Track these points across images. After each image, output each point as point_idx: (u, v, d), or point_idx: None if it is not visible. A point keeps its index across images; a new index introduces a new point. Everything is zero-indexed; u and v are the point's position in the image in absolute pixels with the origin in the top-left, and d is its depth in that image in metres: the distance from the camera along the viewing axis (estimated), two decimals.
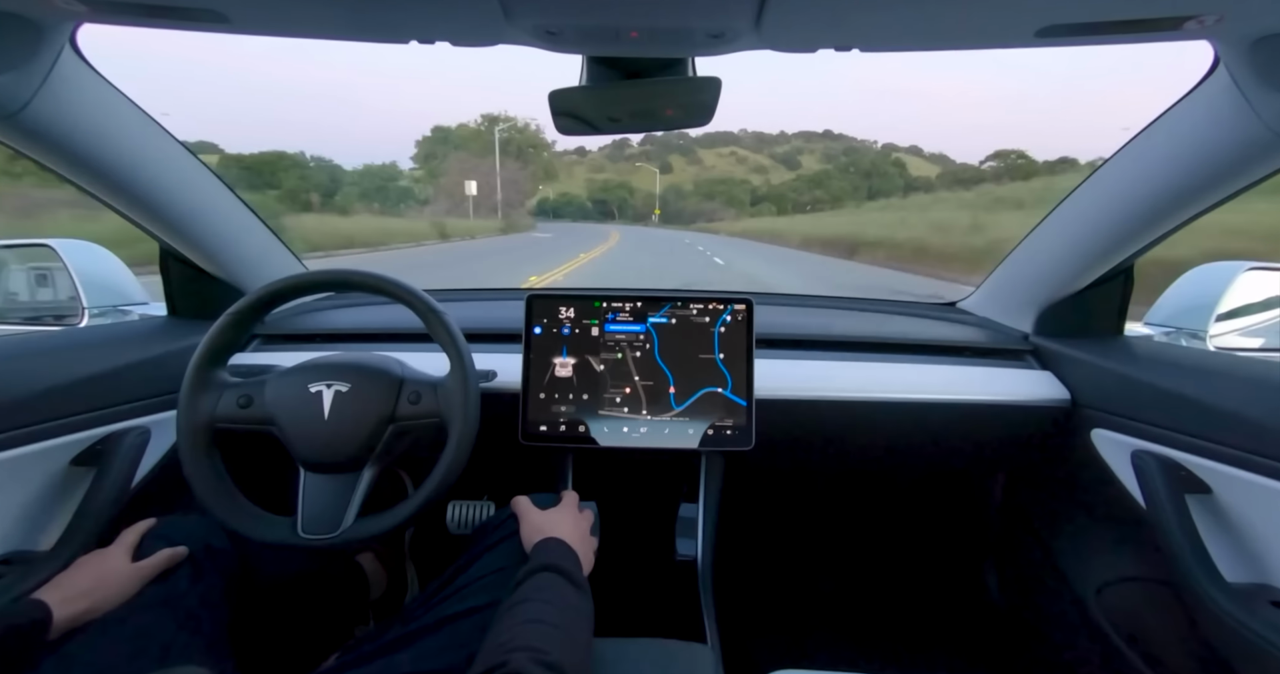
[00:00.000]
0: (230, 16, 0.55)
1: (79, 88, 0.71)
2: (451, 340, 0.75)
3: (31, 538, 0.74)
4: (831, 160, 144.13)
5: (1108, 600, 0.90)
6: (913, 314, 1.26)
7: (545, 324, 0.93)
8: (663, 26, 0.56)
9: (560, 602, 0.58)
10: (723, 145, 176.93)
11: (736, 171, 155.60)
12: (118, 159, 0.80)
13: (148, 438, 0.85)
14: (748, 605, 1.24)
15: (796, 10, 0.51)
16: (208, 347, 0.74)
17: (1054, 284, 1.01)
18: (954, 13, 0.52)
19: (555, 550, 0.65)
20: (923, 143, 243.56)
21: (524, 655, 0.48)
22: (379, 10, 0.54)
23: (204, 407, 0.73)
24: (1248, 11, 0.51)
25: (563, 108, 0.69)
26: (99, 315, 1.17)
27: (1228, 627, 0.67)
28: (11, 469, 0.71)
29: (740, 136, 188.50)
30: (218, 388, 0.74)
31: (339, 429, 0.72)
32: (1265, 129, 0.63)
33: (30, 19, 0.59)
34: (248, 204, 1.05)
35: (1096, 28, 0.53)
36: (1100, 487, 0.90)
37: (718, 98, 0.68)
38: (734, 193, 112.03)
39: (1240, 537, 0.72)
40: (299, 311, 1.17)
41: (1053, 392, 0.97)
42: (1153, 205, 0.81)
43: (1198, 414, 0.75)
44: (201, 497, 0.71)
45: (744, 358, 0.92)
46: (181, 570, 0.69)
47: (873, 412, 0.99)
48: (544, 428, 0.92)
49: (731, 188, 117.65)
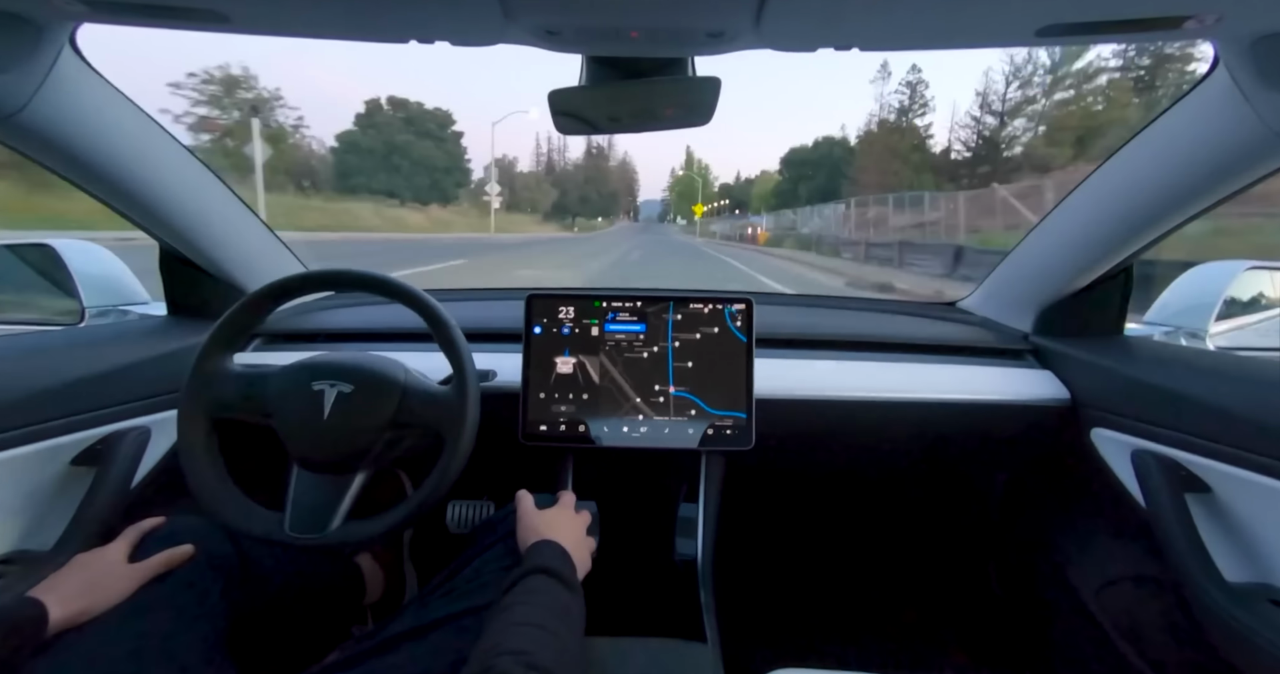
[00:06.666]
0: (230, 16, 0.55)
1: (79, 88, 0.71)
2: (452, 341, 0.75)
3: (31, 538, 0.74)
4: None
5: (1108, 599, 0.90)
6: (912, 314, 1.26)
7: (545, 324, 0.93)
8: (663, 26, 0.56)
9: (551, 605, 0.58)
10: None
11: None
12: (118, 159, 0.80)
13: (148, 438, 0.85)
14: (748, 605, 1.24)
15: (796, 10, 0.51)
16: (211, 343, 0.74)
17: (1054, 283, 1.01)
18: (954, 12, 0.52)
19: (548, 553, 0.65)
20: None
21: (511, 659, 0.48)
22: (379, 10, 0.54)
23: (208, 392, 0.73)
24: (1248, 11, 0.51)
25: (563, 107, 0.69)
26: (99, 315, 1.17)
27: (1227, 626, 0.67)
28: (11, 469, 0.71)
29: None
30: (223, 375, 0.75)
31: (336, 430, 0.72)
32: (1265, 129, 0.63)
33: (30, 19, 0.59)
34: (247, 204, 1.04)
35: (1096, 27, 0.53)
36: (1100, 486, 0.90)
37: (717, 98, 0.68)
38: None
39: (1240, 536, 0.72)
40: (299, 311, 1.17)
41: (1052, 391, 0.97)
42: (1152, 205, 0.81)
43: (1198, 413, 0.75)
44: (193, 483, 0.71)
45: (744, 358, 0.92)
46: (180, 571, 0.69)
47: (872, 411, 0.99)
48: (544, 428, 0.92)
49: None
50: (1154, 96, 21.72)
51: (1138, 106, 22.04)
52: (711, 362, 0.93)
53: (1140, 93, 22.92)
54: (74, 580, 0.63)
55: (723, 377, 0.92)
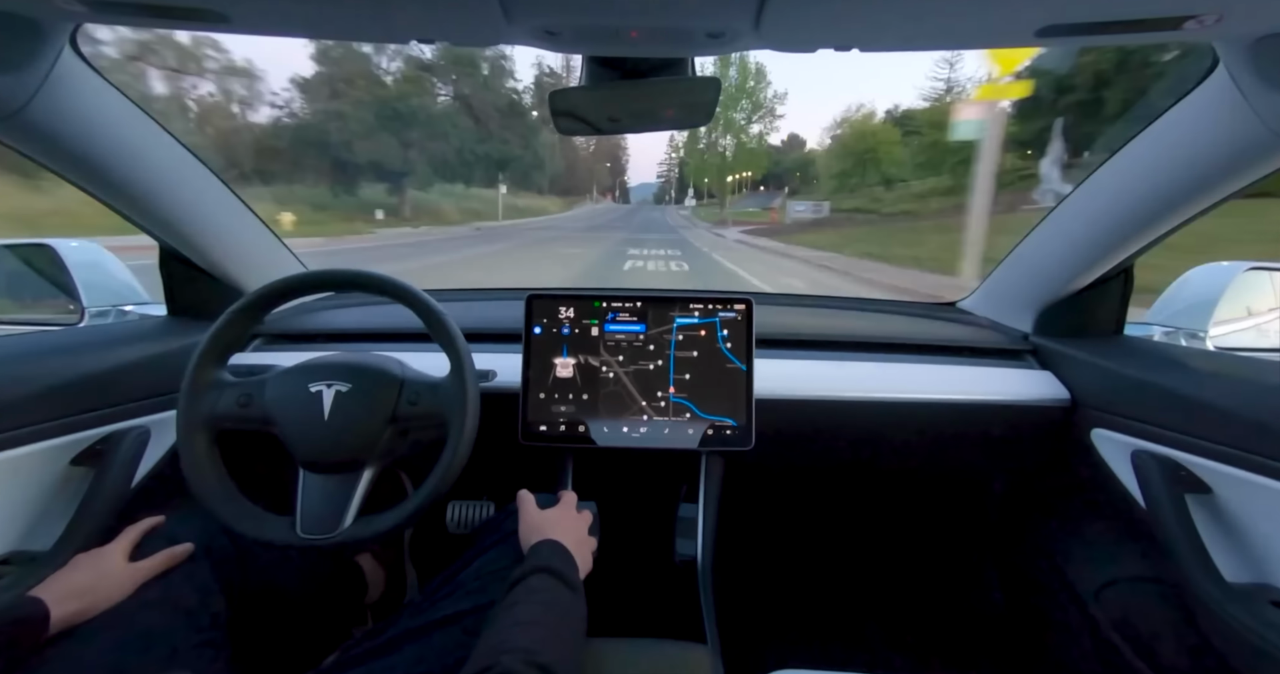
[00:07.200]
0: (230, 16, 0.55)
1: (79, 88, 0.71)
2: (451, 341, 0.75)
3: (31, 538, 0.74)
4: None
5: (1108, 600, 0.90)
6: (912, 314, 1.26)
7: (545, 324, 0.93)
8: (662, 27, 0.56)
9: (553, 604, 0.58)
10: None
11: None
12: (118, 159, 0.80)
13: (148, 438, 0.85)
14: (748, 605, 1.24)
15: (796, 10, 0.51)
16: (208, 345, 0.74)
17: (1054, 284, 1.01)
18: (954, 12, 0.52)
19: (550, 552, 0.65)
20: None
21: (514, 657, 0.48)
22: (379, 10, 0.54)
23: (204, 405, 0.73)
24: (1247, 11, 0.51)
25: (563, 108, 0.70)
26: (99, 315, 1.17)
27: (1228, 626, 0.67)
28: (11, 469, 0.71)
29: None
30: (218, 387, 0.74)
31: (339, 429, 0.72)
32: (1265, 129, 0.63)
33: (30, 19, 0.59)
34: (247, 204, 1.05)
35: (1097, 27, 0.53)
36: (1100, 486, 0.90)
37: (717, 98, 0.69)
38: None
39: (1240, 537, 0.72)
40: (299, 311, 1.17)
41: (1052, 391, 0.97)
42: (1152, 205, 0.81)
43: (1198, 414, 0.75)
44: (200, 495, 0.71)
45: (744, 358, 0.92)
46: (181, 570, 0.69)
47: (872, 412, 0.99)
48: (544, 428, 0.92)
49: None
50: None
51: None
52: (711, 362, 0.92)
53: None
54: (74, 580, 0.63)
55: (723, 378, 0.92)
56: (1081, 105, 16.59)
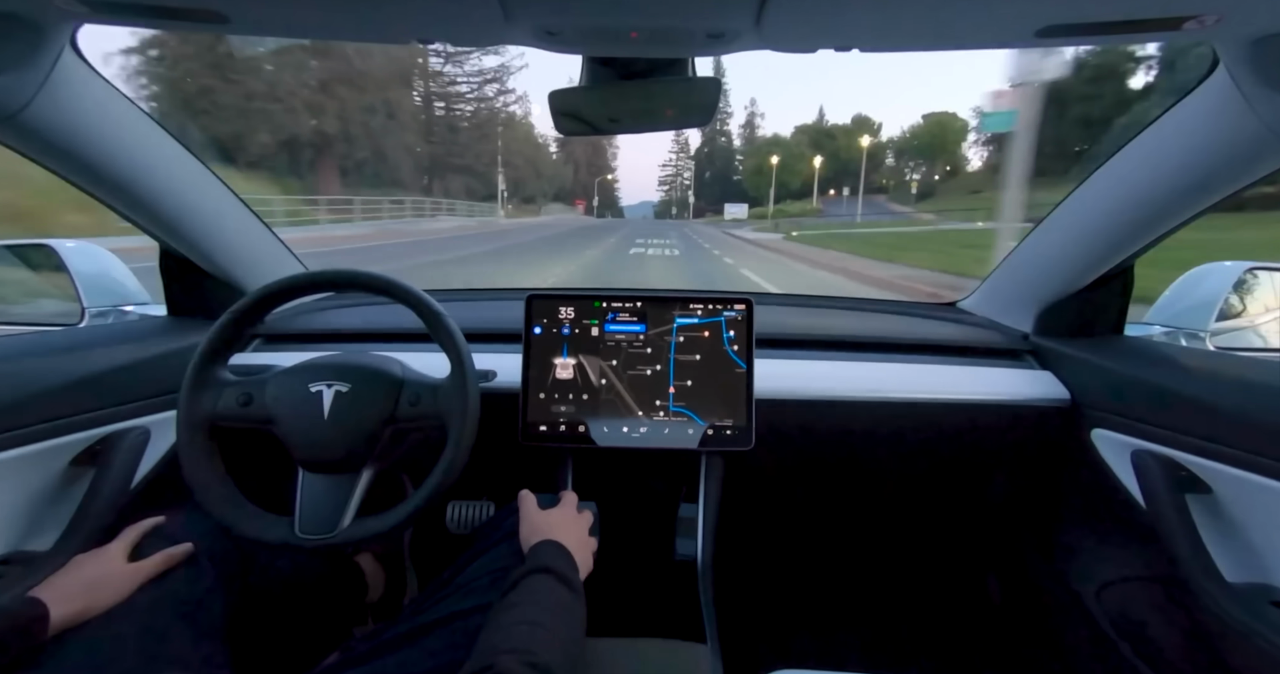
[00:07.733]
0: (230, 16, 0.55)
1: (79, 88, 0.71)
2: (451, 341, 0.75)
3: (31, 538, 0.74)
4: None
5: (1108, 600, 0.90)
6: (912, 314, 1.26)
7: (545, 324, 0.93)
8: (663, 27, 0.56)
9: (552, 604, 0.58)
10: None
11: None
12: (118, 159, 0.80)
13: (148, 438, 0.85)
14: (748, 605, 1.24)
15: (796, 10, 0.51)
16: (209, 345, 0.74)
17: (1054, 284, 1.01)
18: (954, 13, 0.52)
19: (550, 553, 0.65)
20: None
21: (512, 657, 0.48)
22: (379, 10, 0.54)
23: (204, 404, 0.73)
24: (1247, 11, 0.51)
25: (563, 108, 0.70)
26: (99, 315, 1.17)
27: (1228, 626, 0.67)
28: (11, 469, 0.71)
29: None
30: (218, 386, 0.74)
31: (339, 429, 0.72)
32: (1265, 129, 0.63)
33: (30, 19, 0.59)
34: (247, 204, 1.05)
35: (1096, 28, 0.54)
36: (1100, 486, 0.90)
37: (718, 98, 0.69)
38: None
39: (1240, 537, 0.72)
40: (299, 311, 1.17)
41: (1052, 391, 0.97)
42: (1152, 205, 0.81)
43: (1198, 414, 0.75)
44: (200, 495, 0.71)
45: (744, 358, 0.92)
46: (180, 570, 0.69)
47: (872, 411, 0.99)
48: (544, 428, 0.92)
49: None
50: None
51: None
52: (712, 362, 0.92)
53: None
54: (74, 580, 0.63)
55: (723, 378, 0.92)
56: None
